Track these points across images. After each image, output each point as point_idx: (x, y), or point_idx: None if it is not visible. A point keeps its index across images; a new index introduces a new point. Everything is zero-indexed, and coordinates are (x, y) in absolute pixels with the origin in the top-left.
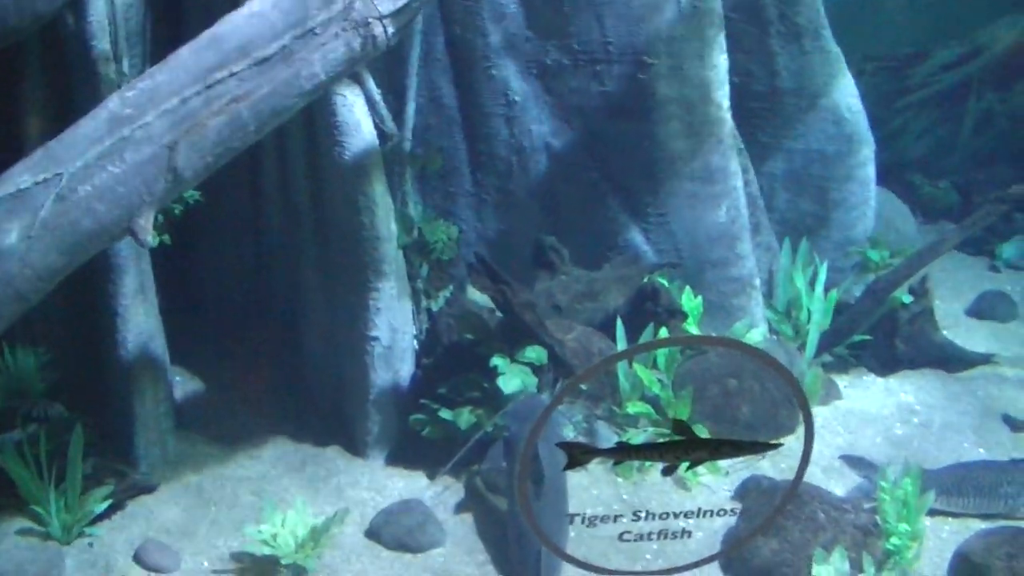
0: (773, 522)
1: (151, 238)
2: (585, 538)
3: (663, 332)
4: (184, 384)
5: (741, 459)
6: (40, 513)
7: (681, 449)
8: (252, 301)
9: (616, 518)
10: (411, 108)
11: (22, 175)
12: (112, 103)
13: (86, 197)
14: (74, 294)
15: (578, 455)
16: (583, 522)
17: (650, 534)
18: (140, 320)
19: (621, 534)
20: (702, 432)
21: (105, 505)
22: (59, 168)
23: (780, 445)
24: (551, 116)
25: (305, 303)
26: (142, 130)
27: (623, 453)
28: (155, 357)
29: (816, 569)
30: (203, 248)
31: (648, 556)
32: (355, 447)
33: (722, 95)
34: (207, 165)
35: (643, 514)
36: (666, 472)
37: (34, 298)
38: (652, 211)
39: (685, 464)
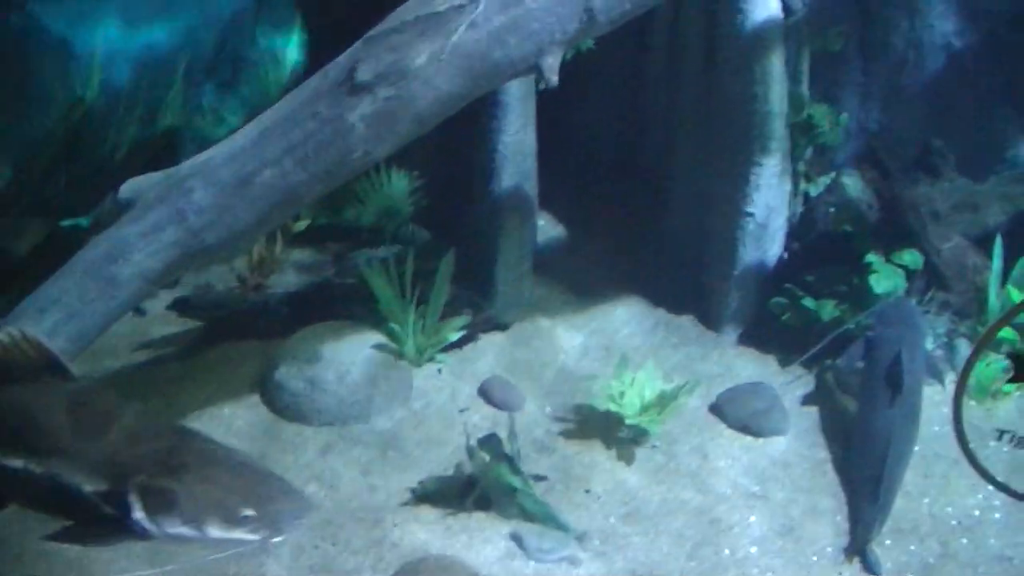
0: None
1: (556, 78)
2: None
3: None
4: (546, 229)
5: None
6: (396, 332)
7: None
8: (623, 157)
9: None
10: None
11: None
12: None
13: (499, 28)
14: (455, 125)
15: None
16: (1010, 441)
17: None
18: (518, 160)
19: None
20: None
21: (458, 335)
22: None
23: None
24: (956, 14)
25: (678, 167)
26: None
27: None
28: (526, 198)
29: None
30: (582, 97)
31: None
32: (709, 320)
33: None
34: (623, 13)
35: None
36: None
37: (430, 122)
38: None
39: None
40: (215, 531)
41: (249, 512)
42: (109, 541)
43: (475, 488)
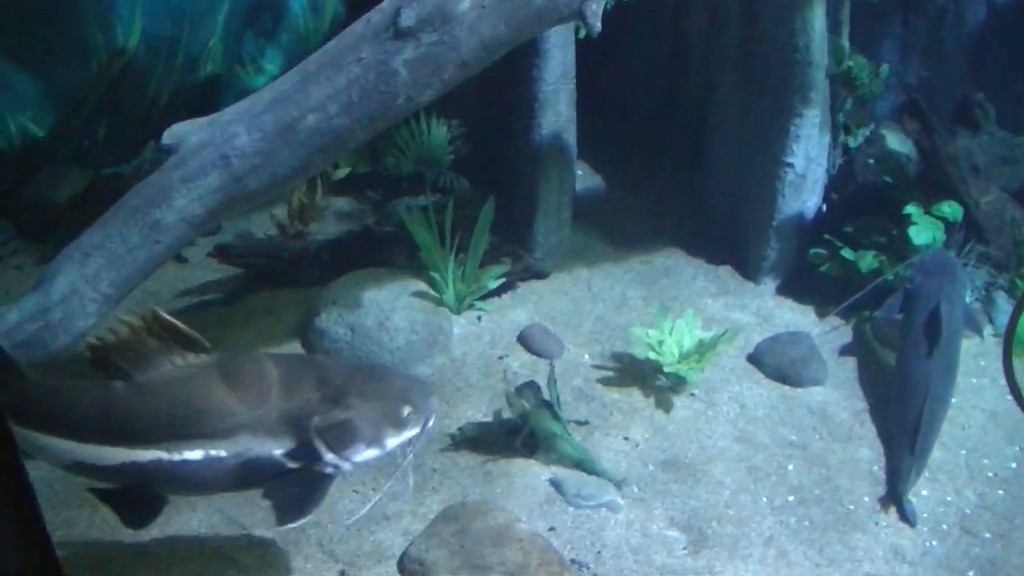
0: None
1: (599, 24)
2: None
3: None
4: (585, 178)
5: None
6: (436, 280)
7: None
8: (661, 106)
9: None
10: None
11: None
12: None
13: None
14: (495, 74)
15: None
16: None
17: None
18: (558, 108)
19: None
20: None
21: (498, 283)
22: None
23: None
24: None
25: (717, 116)
26: None
27: None
28: (565, 147)
29: None
30: (622, 47)
31: None
32: (747, 271)
33: None
34: None
35: None
36: None
37: (474, 68)
38: None
39: None
40: (392, 440)
41: (408, 409)
42: (320, 496)
43: (522, 431)
